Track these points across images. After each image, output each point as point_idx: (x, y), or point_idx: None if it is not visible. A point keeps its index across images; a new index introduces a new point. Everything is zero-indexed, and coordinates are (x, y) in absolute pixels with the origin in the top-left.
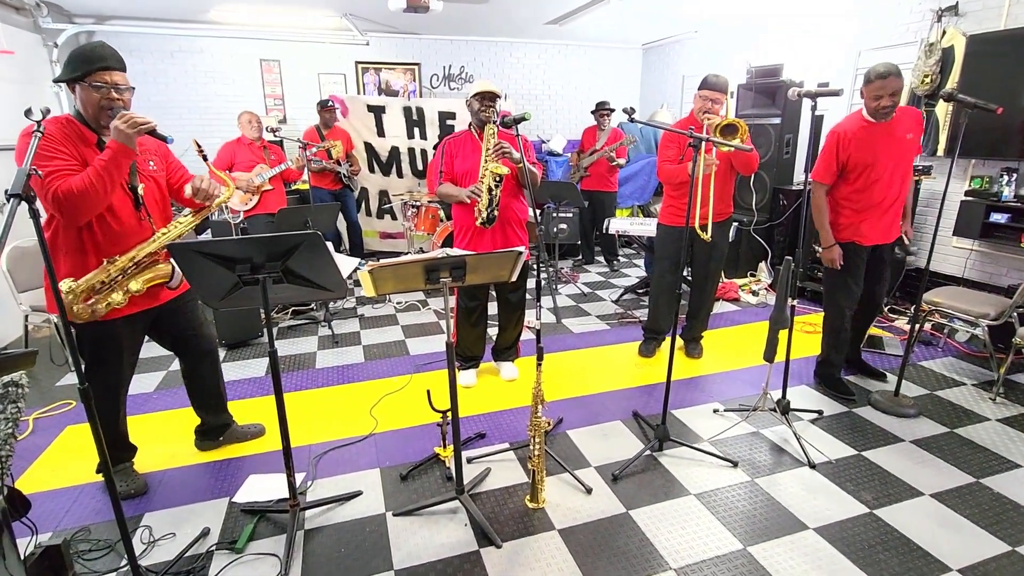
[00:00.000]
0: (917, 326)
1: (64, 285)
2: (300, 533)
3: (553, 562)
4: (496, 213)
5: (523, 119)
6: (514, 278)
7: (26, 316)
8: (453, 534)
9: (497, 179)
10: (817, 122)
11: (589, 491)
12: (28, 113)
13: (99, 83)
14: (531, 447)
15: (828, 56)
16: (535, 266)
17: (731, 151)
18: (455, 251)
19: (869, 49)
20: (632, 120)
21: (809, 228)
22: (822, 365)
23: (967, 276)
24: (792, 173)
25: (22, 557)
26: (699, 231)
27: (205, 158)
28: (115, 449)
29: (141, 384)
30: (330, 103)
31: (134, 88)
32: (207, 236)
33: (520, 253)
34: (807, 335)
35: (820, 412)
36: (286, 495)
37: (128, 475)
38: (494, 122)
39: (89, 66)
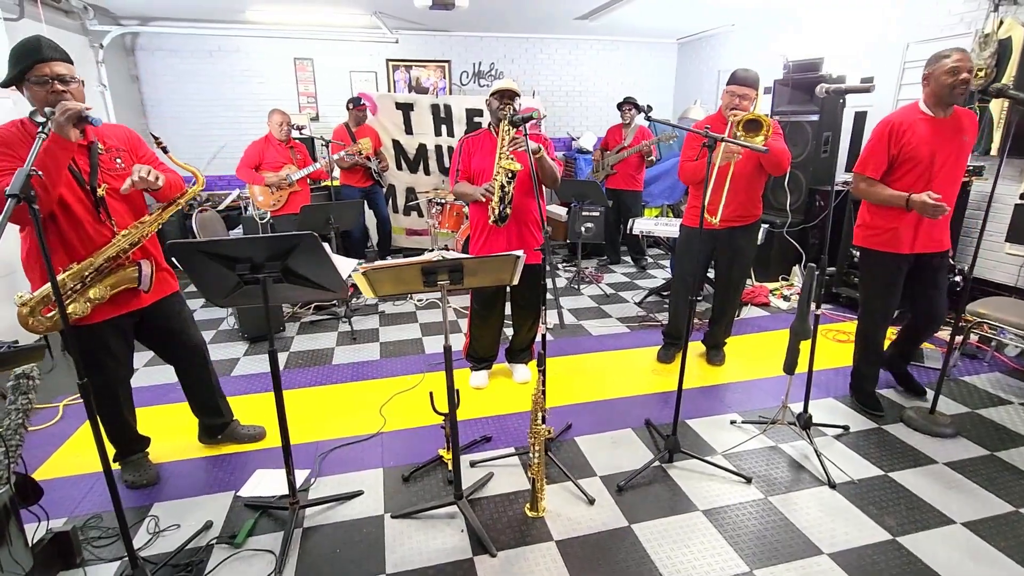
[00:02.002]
0: (959, 338)
1: (19, 299)
2: (298, 531)
3: (547, 575)
4: (508, 211)
5: (530, 118)
6: (515, 281)
7: None
8: (449, 540)
9: (510, 175)
10: (859, 119)
11: (592, 502)
12: (33, 115)
13: (40, 76)
14: (531, 455)
15: (873, 49)
16: (553, 267)
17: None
18: (451, 254)
19: (918, 41)
20: (649, 119)
21: (847, 230)
22: (854, 376)
23: (1021, 286)
24: (832, 172)
25: (33, 542)
26: (708, 217)
27: (165, 150)
28: (126, 442)
29: (163, 375)
30: (362, 102)
31: (83, 80)
32: (239, 232)
33: (519, 257)
34: (839, 344)
35: (846, 428)
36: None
37: (141, 466)
38: (508, 118)
39: (26, 60)
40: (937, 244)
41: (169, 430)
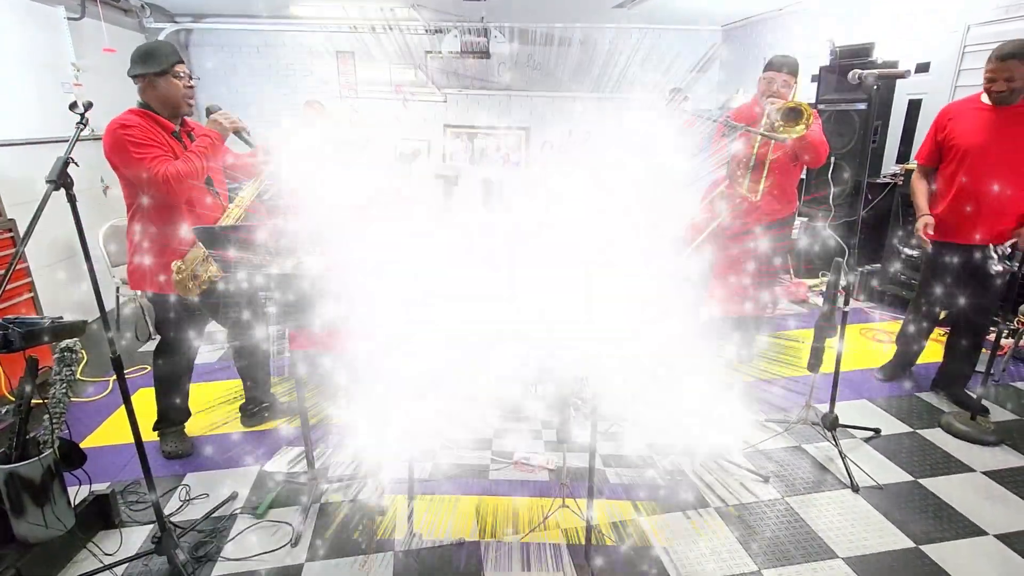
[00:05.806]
0: (1010, 340)
1: (174, 266)
2: (315, 506)
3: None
4: None
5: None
6: None
7: (117, 288)
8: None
9: None
10: (913, 107)
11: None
12: (73, 106)
13: (183, 72)
14: None
15: (930, 33)
16: None
17: (794, 138)
18: None
19: (979, 23)
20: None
21: (892, 227)
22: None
23: None
24: (879, 163)
25: (76, 503)
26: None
27: (249, 143)
28: (173, 413)
29: (205, 356)
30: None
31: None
32: None
33: None
34: (880, 344)
35: (877, 431)
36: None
37: (178, 438)
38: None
39: (171, 58)
40: (996, 239)
41: (208, 406)
